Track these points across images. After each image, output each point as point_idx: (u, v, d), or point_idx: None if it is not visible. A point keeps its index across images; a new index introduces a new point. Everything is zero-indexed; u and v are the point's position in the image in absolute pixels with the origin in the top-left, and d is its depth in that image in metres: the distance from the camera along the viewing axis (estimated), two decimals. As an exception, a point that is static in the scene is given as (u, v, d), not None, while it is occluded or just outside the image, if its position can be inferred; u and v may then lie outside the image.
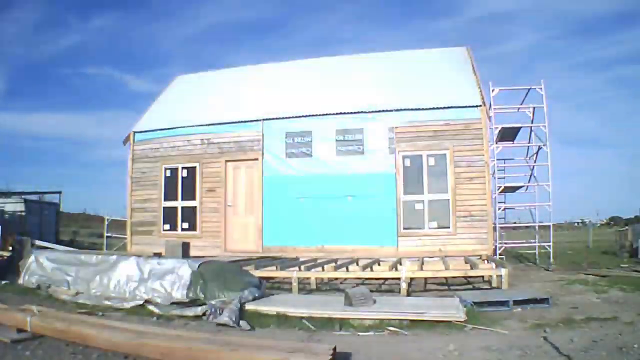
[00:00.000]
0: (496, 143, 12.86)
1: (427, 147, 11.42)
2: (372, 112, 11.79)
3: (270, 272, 8.72)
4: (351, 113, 11.91)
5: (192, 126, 13.06)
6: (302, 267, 8.81)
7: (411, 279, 8.48)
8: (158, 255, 8.32)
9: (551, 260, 12.34)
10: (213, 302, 6.03)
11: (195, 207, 12.76)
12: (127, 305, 6.54)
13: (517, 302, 6.61)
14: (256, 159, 12.39)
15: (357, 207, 11.57)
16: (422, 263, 9.48)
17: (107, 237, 16.15)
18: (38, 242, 13.80)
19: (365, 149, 11.75)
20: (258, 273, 8.02)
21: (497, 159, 13.21)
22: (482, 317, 5.83)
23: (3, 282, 8.21)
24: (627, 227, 17.35)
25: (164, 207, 13.07)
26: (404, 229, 11.30)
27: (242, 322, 5.57)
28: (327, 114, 12.03)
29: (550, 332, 5.16)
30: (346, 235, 11.52)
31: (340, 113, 11.97)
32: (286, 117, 12.34)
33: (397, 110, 11.67)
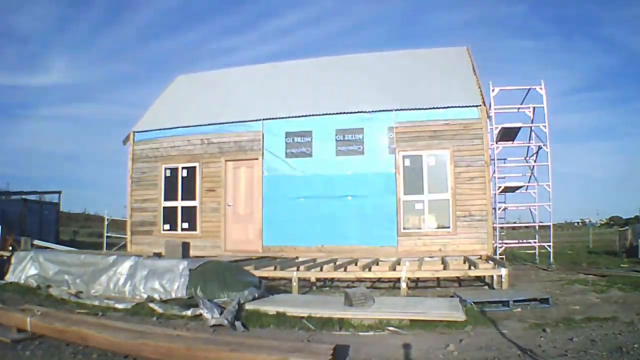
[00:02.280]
0: (496, 143, 12.86)
1: (427, 147, 11.42)
2: (372, 112, 11.79)
3: (270, 272, 8.72)
4: (351, 113, 11.90)
5: (192, 126, 13.05)
6: (302, 267, 8.81)
7: (411, 278, 8.49)
8: (158, 255, 8.31)
9: (551, 260, 12.35)
10: (208, 302, 6.00)
11: (195, 207, 12.75)
12: (127, 305, 6.53)
13: (517, 302, 6.62)
14: (256, 159, 12.39)
15: (357, 207, 11.57)
16: (422, 263, 9.48)
17: (107, 237, 16.15)
18: (37, 242, 13.84)
19: (365, 149, 11.74)
20: (258, 273, 8.02)
21: (497, 159, 13.21)
22: (482, 317, 5.84)
23: (2, 282, 8.21)
24: (627, 227, 17.37)
25: (164, 207, 13.07)
26: (404, 228, 11.29)
27: (237, 323, 5.55)
28: (327, 114, 12.02)
29: (550, 332, 5.16)
30: (346, 235, 11.51)
31: (340, 113, 11.96)
32: (286, 117, 12.33)
33: (397, 110, 11.66)
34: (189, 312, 6.02)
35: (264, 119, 12.43)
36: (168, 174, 13.16)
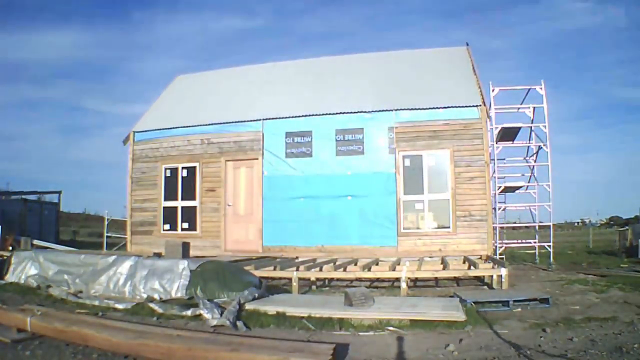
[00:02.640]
0: (496, 143, 12.86)
1: (427, 146, 11.42)
2: (372, 112, 11.79)
3: (270, 272, 8.72)
4: (351, 113, 11.91)
5: (192, 126, 13.04)
6: (302, 267, 8.81)
7: (411, 279, 8.48)
8: (158, 255, 8.31)
9: (551, 260, 12.34)
10: (208, 302, 5.99)
11: (195, 207, 12.76)
12: (127, 305, 6.53)
13: (517, 302, 6.62)
14: (256, 159, 12.39)
15: (357, 207, 11.56)
16: (422, 263, 9.48)
17: (107, 237, 16.15)
18: (37, 242, 13.84)
19: (365, 149, 11.74)
20: (258, 273, 8.02)
21: (497, 159, 13.20)
22: (482, 317, 5.83)
23: (2, 282, 8.21)
24: (627, 227, 17.37)
25: (164, 207, 13.07)
26: (404, 228, 11.29)
27: (239, 323, 5.55)
28: (327, 114, 12.02)
29: (550, 332, 5.16)
30: (346, 235, 11.51)
31: (340, 113, 11.96)
32: (286, 117, 12.33)
33: (397, 110, 11.66)
34: (189, 312, 6.01)
35: (264, 119, 12.43)
36: (168, 174, 13.16)
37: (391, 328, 5.38)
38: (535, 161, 13.69)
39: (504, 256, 12.75)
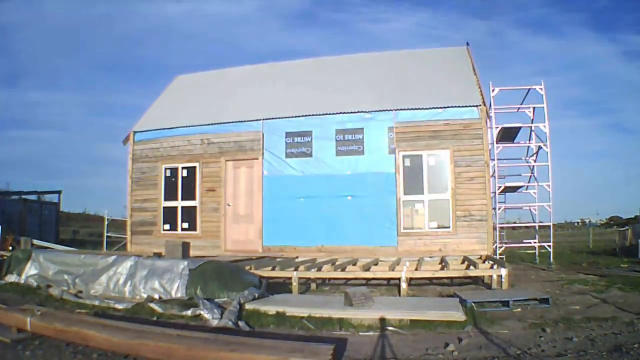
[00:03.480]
0: (496, 143, 12.84)
1: (427, 147, 11.42)
2: (372, 112, 11.79)
3: (270, 272, 8.72)
4: (351, 113, 11.91)
5: (192, 126, 13.04)
6: (302, 267, 8.81)
7: (411, 278, 8.48)
8: (158, 255, 8.33)
9: (551, 260, 12.34)
10: (208, 302, 5.99)
11: (195, 207, 12.75)
12: (127, 305, 6.54)
13: (517, 302, 6.62)
14: (256, 159, 12.39)
15: (357, 207, 11.56)
16: (422, 263, 9.48)
17: (107, 236, 16.15)
18: (37, 242, 13.84)
19: (365, 149, 11.73)
20: (258, 273, 8.03)
21: (497, 159, 13.18)
22: (482, 317, 5.84)
23: (2, 282, 8.21)
24: (627, 227, 17.38)
25: (164, 207, 13.06)
26: (404, 228, 11.29)
27: (241, 323, 5.56)
28: (327, 114, 12.02)
29: (549, 331, 5.16)
30: (346, 234, 11.51)
31: (340, 113, 11.96)
32: (286, 117, 12.33)
33: (397, 110, 11.66)
34: (189, 312, 6.02)
35: (264, 119, 12.43)
36: (168, 174, 13.16)
37: (391, 328, 5.38)
38: (535, 161, 13.69)
39: (503, 256, 12.74)
